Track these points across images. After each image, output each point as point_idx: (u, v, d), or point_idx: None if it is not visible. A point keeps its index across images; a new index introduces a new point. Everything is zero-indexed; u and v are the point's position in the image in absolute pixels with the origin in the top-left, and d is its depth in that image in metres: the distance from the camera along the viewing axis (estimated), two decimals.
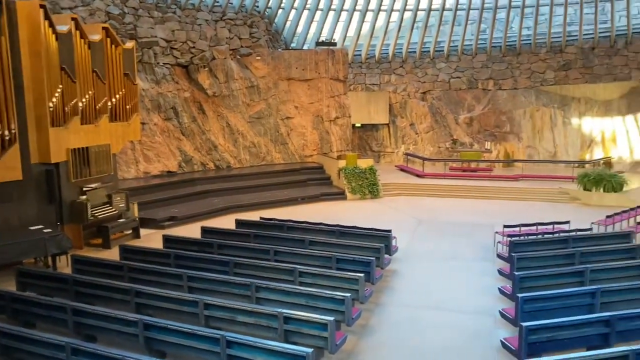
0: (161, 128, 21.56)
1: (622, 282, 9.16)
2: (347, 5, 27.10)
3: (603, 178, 20.00)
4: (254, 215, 16.44)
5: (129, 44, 16.62)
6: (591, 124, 27.08)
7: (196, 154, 22.81)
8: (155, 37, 21.72)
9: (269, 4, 25.60)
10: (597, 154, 26.57)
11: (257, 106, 24.38)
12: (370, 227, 13.46)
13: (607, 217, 15.02)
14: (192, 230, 14.90)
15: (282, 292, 8.72)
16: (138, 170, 20.68)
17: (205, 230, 13.53)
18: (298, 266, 9.85)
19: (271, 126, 24.69)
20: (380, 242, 12.07)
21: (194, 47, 22.87)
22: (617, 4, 25.50)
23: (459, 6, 27.08)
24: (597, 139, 26.96)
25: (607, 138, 26.66)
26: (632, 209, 15.77)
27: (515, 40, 28.09)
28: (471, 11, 27.26)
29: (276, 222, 14.25)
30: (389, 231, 12.72)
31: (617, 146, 26.31)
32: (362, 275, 9.37)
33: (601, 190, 19.91)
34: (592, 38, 26.81)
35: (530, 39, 27.88)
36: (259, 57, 24.30)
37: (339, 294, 8.38)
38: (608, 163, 24.86)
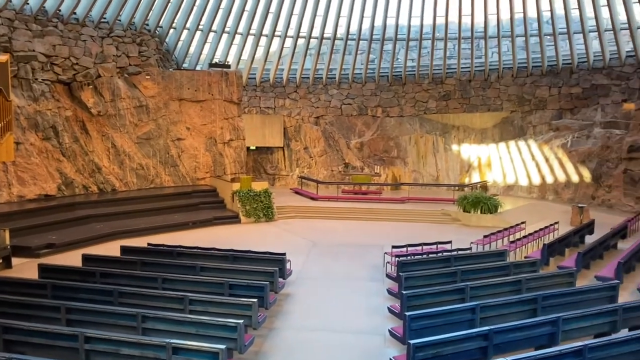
0: (38, 148, 19.96)
1: (498, 297, 9.86)
2: (240, 29, 27.15)
3: (480, 200, 21.58)
4: (141, 242, 15.63)
5: (3, 57, 15.25)
6: (469, 150, 29.31)
7: (78, 177, 21.37)
8: (34, 51, 20.22)
9: (160, 23, 24.94)
10: (475, 178, 28.73)
11: (146, 126, 23.47)
12: (264, 250, 13.35)
13: (485, 236, 16.17)
14: (72, 259, 13.83)
15: (170, 322, 8.33)
16: (11, 194, 18.91)
17: (87, 258, 12.60)
18: (188, 294, 9.46)
19: (161, 147, 23.85)
20: (274, 265, 11.99)
21: (77, 64, 21.60)
22: (489, 41, 28.05)
23: (349, 36, 28.21)
24: (475, 164, 29.19)
25: (483, 163, 28.96)
26: (505, 229, 17.13)
27: (401, 71, 29.80)
28: (361, 42, 28.54)
29: (165, 248, 13.66)
30: (284, 254, 12.69)
31: (492, 171, 28.65)
32: (255, 300, 9.21)
33: (479, 211, 21.46)
34: (469, 71, 29.18)
35: (414, 70, 29.72)
36: (148, 76, 23.51)
37: (231, 320, 8.16)
38: (484, 186, 26.95)
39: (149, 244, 14.32)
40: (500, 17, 26.65)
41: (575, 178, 25.58)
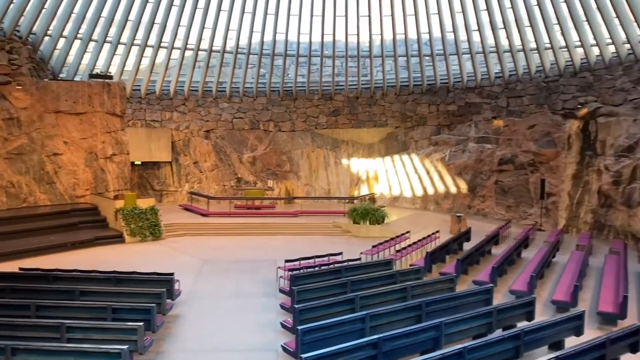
0: None
1: (386, 305, 10.23)
2: (124, 39, 25.97)
3: (368, 212, 22.37)
4: (12, 266, 14.31)
5: None
6: (358, 164, 30.35)
7: None
8: None
9: (33, 30, 23.14)
10: (364, 190, 29.76)
11: (17, 141, 21.55)
12: (151, 271, 12.74)
13: (373, 247, 16.75)
14: None
15: (45, 352, 7.68)
16: None
17: None
18: (66, 321, 8.79)
19: (35, 163, 22.00)
20: (161, 286, 11.49)
21: None
22: (374, 60, 29.36)
23: (239, 49, 28.10)
24: (363, 177, 30.26)
25: (371, 176, 30.13)
26: (392, 239, 17.89)
27: (292, 86, 30.22)
28: (251, 56, 28.52)
29: (39, 272, 12.56)
30: (172, 274, 12.21)
31: (379, 183, 29.88)
32: (141, 324, 8.77)
33: (367, 223, 22.22)
34: (356, 88, 30.30)
35: (304, 86, 30.28)
36: (19, 87, 21.63)
37: (114, 347, 7.68)
38: (372, 199, 27.98)
39: (20, 269, 13.11)
40: (383, 37, 28.05)
41: (453, 189, 27.44)
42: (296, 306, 9.79)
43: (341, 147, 30.59)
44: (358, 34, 27.73)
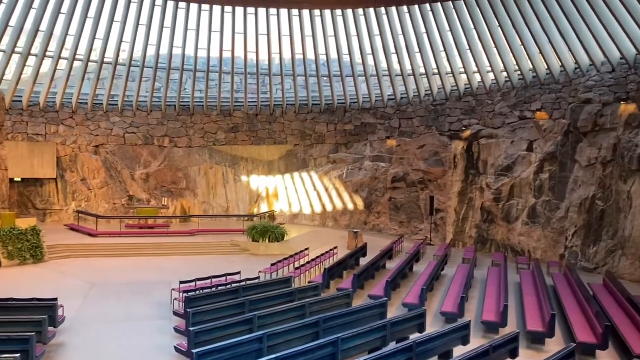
0: None
1: (285, 323, 10.20)
2: (3, 46, 23.97)
3: (268, 229, 22.31)
4: None
5: None
6: (257, 181, 30.24)
7: None
8: None
9: None
10: (263, 207, 29.66)
11: None
12: (30, 297, 11.71)
13: (272, 264, 16.67)
14: None
15: None
16: None
17: None
18: None
19: None
20: (42, 313, 10.59)
21: None
22: (274, 78, 29.58)
23: (132, 62, 26.99)
24: (263, 195, 30.17)
25: (271, 193, 30.13)
26: (291, 256, 17.96)
27: (189, 101, 29.52)
28: (145, 69, 27.49)
29: None
30: (54, 299, 11.30)
31: (279, 200, 29.95)
32: (17, 355, 8.01)
33: (267, 240, 22.13)
34: (256, 105, 30.28)
35: (202, 101, 29.72)
36: None
37: None
38: (272, 216, 27.96)
39: None
40: (282, 56, 28.34)
41: (350, 206, 28.21)
42: (191, 329, 9.46)
43: (240, 164, 30.32)
44: (257, 52, 27.78)
